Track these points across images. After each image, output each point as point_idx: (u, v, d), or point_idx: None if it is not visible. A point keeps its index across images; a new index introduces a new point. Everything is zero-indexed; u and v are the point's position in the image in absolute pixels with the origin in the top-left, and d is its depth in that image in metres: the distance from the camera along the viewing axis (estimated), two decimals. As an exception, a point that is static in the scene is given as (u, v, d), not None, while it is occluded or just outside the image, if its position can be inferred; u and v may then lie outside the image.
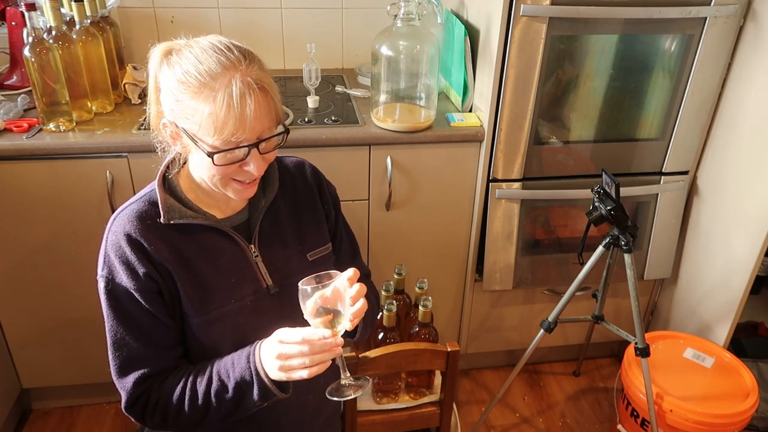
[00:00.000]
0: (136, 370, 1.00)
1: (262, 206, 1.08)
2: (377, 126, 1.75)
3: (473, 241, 1.94)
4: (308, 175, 1.18)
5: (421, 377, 1.66)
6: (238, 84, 0.88)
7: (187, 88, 0.90)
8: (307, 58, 1.84)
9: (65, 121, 1.63)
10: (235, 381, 0.97)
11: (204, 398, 0.99)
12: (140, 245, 0.97)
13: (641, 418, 1.76)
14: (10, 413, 1.88)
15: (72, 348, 1.85)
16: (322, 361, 0.92)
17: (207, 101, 0.89)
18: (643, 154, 1.86)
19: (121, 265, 0.97)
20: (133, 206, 1.00)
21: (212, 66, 0.89)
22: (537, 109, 1.71)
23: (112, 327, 0.99)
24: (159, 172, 1.03)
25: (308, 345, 0.90)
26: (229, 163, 0.93)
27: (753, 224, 1.72)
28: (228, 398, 0.98)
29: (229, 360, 1.00)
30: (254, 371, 0.96)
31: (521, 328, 2.13)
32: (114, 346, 1.00)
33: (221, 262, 1.03)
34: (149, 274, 0.97)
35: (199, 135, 0.92)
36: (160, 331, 1.01)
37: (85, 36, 1.67)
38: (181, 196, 1.02)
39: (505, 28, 1.60)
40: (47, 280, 1.73)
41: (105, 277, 0.98)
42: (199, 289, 1.01)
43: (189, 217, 1.00)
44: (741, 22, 1.69)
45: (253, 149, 0.93)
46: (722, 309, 1.87)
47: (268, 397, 0.97)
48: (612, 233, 1.60)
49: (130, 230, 0.97)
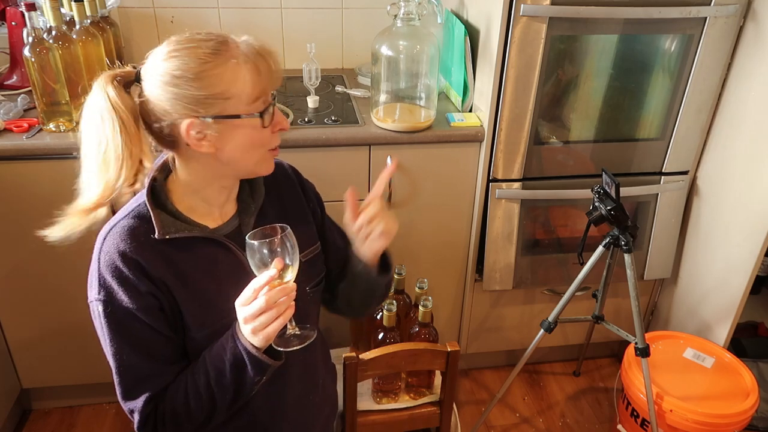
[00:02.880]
0: (144, 391, 0.98)
1: (252, 211, 1.07)
2: (377, 126, 1.75)
3: (473, 241, 1.94)
4: (290, 175, 1.17)
5: (421, 377, 1.66)
6: (241, 45, 0.91)
7: (198, 74, 0.88)
8: (307, 58, 1.84)
9: (65, 121, 1.63)
10: (229, 363, 0.96)
11: (207, 391, 0.98)
12: (137, 263, 0.93)
13: (641, 418, 1.76)
14: (10, 413, 1.88)
15: (72, 348, 1.85)
16: (286, 305, 0.91)
17: (228, 71, 0.89)
18: (643, 154, 1.86)
19: (119, 286, 0.93)
20: (122, 223, 0.96)
21: (204, 49, 0.89)
22: (537, 109, 1.71)
23: (117, 350, 0.96)
24: (147, 185, 0.97)
25: (264, 297, 0.89)
26: (273, 122, 0.95)
27: (753, 224, 1.72)
28: (228, 383, 0.97)
29: (219, 345, 0.98)
30: (241, 347, 0.94)
31: (521, 328, 2.13)
32: (120, 369, 0.97)
33: (219, 272, 1.01)
34: (150, 292, 0.94)
35: (235, 107, 0.91)
36: (165, 346, 0.99)
37: (85, 36, 1.67)
38: (171, 208, 0.99)
39: (505, 28, 1.60)
40: (47, 280, 1.73)
41: (103, 301, 0.94)
42: (201, 303, 0.99)
43: (184, 231, 0.97)
44: (741, 22, 1.69)
45: (274, 105, 0.96)
46: (722, 309, 1.87)
47: (263, 369, 0.96)
48: (612, 233, 1.60)
49: (125, 249, 0.93)
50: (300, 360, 1.13)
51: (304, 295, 1.12)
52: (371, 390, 1.66)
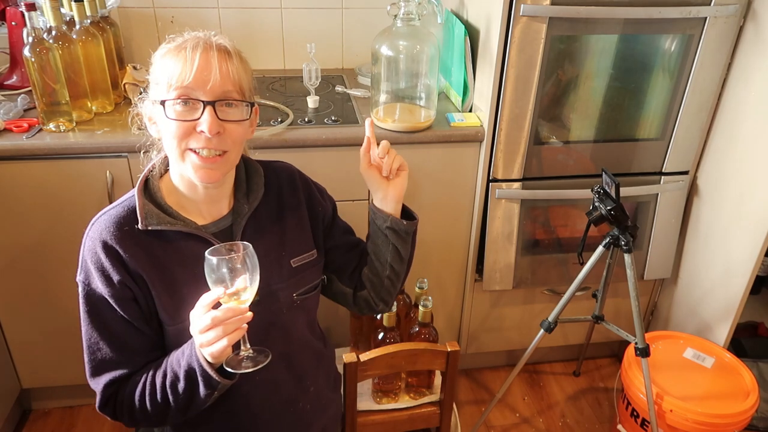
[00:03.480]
0: (107, 372, 1.00)
1: (245, 212, 1.07)
2: (377, 126, 1.75)
3: (473, 241, 1.94)
4: (295, 181, 1.17)
5: (421, 377, 1.66)
6: (195, 41, 0.93)
7: (158, 58, 0.95)
8: (307, 58, 1.84)
9: (65, 121, 1.63)
10: (183, 370, 0.96)
11: (162, 392, 0.98)
12: (116, 253, 0.96)
13: (641, 418, 1.76)
14: (10, 413, 1.88)
15: (72, 348, 1.84)
16: (235, 326, 0.88)
17: (166, 59, 0.93)
18: (643, 154, 1.86)
19: (96, 272, 0.97)
20: (112, 212, 1.00)
21: (184, 38, 0.94)
22: (537, 109, 1.71)
23: (87, 331, 1.00)
24: (141, 177, 1.03)
25: (209, 315, 0.88)
26: (183, 119, 0.93)
27: (753, 224, 1.72)
28: (181, 389, 0.97)
29: (180, 350, 0.98)
30: (195, 359, 0.93)
31: (521, 328, 2.13)
32: (88, 349, 1.01)
33: (200, 269, 1.00)
34: (124, 282, 0.96)
35: (158, 92, 0.94)
36: (133, 337, 1.01)
37: (85, 36, 1.67)
38: (161, 201, 1.01)
39: (505, 28, 1.60)
40: (47, 279, 1.73)
41: (82, 282, 0.99)
42: (175, 298, 1.00)
43: (167, 224, 0.99)
44: (741, 22, 1.69)
45: (208, 107, 0.93)
46: (722, 309, 1.87)
47: (212, 385, 0.94)
48: (612, 233, 1.60)
49: (107, 237, 0.96)
50: (284, 366, 1.13)
51: (290, 302, 1.11)
52: (371, 390, 1.66)
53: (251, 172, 1.12)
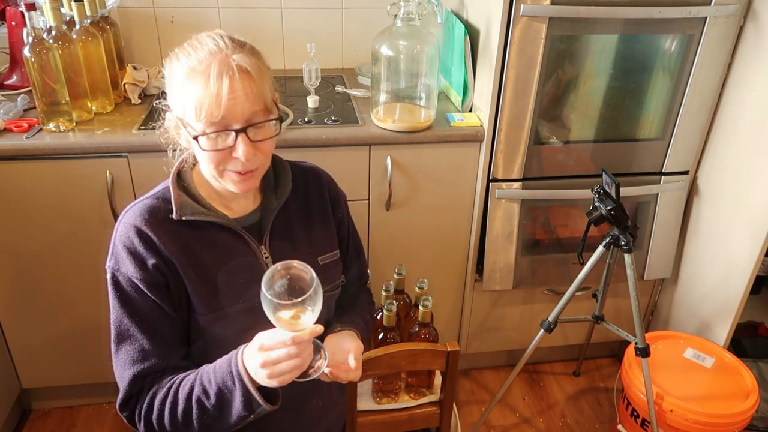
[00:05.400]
0: (136, 364, 0.98)
1: (273, 207, 1.08)
2: (377, 126, 1.75)
3: (473, 241, 1.94)
4: (322, 180, 1.18)
5: (421, 377, 1.66)
6: (217, 65, 0.90)
7: (179, 76, 0.93)
8: (307, 58, 1.84)
9: (65, 121, 1.63)
10: (217, 386, 0.92)
11: (185, 404, 0.95)
12: (149, 238, 0.97)
13: (641, 418, 1.76)
14: (10, 413, 1.88)
15: (72, 348, 1.85)
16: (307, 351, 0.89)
17: (189, 84, 0.91)
18: (643, 154, 1.86)
19: (128, 256, 0.97)
20: (146, 201, 1.01)
21: (201, 54, 0.92)
22: (537, 109, 1.71)
23: (117, 318, 0.99)
24: (174, 169, 1.04)
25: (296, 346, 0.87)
26: (216, 149, 0.93)
27: (753, 224, 1.72)
28: (210, 405, 0.93)
29: (213, 365, 0.96)
30: (236, 375, 0.91)
31: (521, 328, 2.13)
32: (118, 337, 0.99)
33: (231, 261, 1.03)
34: (157, 266, 0.97)
35: (187, 120, 0.93)
36: (164, 324, 1.00)
37: (85, 36, 1.67)
38: (194, 192, 1.03)
39: (505, 28, 1.60)
40: (47, 279, 1.73)
41: (111, 268, 0.99)
42: (208, 287, 1.01)
43: (201, 214, 1.00)
44: (741, 22, 1.69)
45: (240, 134, 0.93)
46: (722, 309, 1.87)
47: (252, 407, 0.92)
48: (612, 233, 1.60)
49: (140, 223, 0.98)
50: None
51: None
52: (371, 390, 1.66)
53: (279, 169, 1.12)
